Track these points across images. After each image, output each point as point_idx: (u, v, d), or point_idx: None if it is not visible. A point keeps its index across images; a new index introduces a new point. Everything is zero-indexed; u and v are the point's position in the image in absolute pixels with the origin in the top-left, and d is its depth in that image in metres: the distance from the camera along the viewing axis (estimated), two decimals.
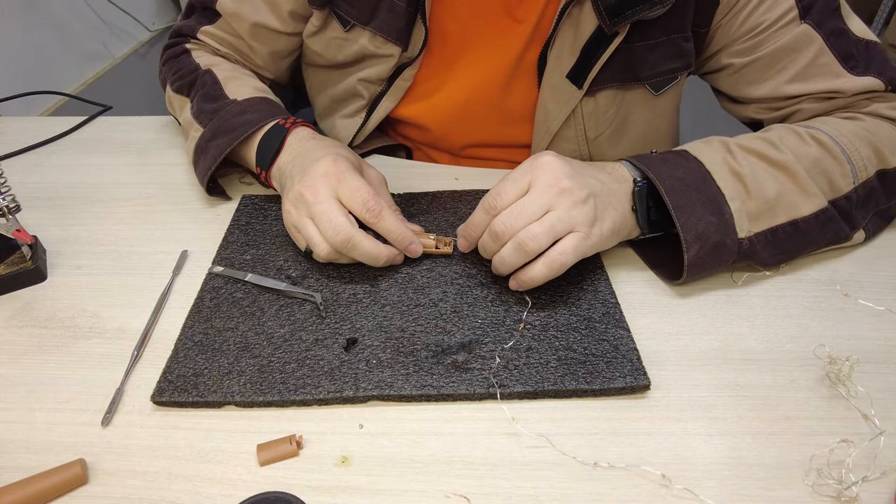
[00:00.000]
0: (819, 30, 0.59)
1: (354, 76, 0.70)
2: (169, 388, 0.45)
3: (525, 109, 0.70)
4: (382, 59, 0.67)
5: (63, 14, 1.54)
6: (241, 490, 0.40)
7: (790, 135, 0.57)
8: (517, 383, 0.45)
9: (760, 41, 0.61)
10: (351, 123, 0.74)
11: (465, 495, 0.39)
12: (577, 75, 0.63)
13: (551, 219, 0.48)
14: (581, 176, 0.50)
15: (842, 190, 0.55)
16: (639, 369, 0.46)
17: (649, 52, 0.63)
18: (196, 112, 0.66)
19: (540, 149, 0.70)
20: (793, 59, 0.61)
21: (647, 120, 0.70)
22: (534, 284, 0.50)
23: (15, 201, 0.55)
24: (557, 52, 0.63)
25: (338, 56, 0.70)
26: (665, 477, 0.40)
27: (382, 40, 0.65)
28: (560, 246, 0.48)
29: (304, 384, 0.45)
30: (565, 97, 0.65)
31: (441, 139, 0.76)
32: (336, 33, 0.68)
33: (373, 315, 0.51)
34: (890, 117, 0.60)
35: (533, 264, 0.49)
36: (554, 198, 0.48)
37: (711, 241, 0.50)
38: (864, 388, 0.46)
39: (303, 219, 0.52)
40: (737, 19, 0.62)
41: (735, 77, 0.65)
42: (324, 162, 0.53)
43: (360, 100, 0.72)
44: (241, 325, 0.50)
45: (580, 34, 0.61)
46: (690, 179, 0.52)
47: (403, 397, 0.45)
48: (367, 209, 0.52)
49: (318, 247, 0.52)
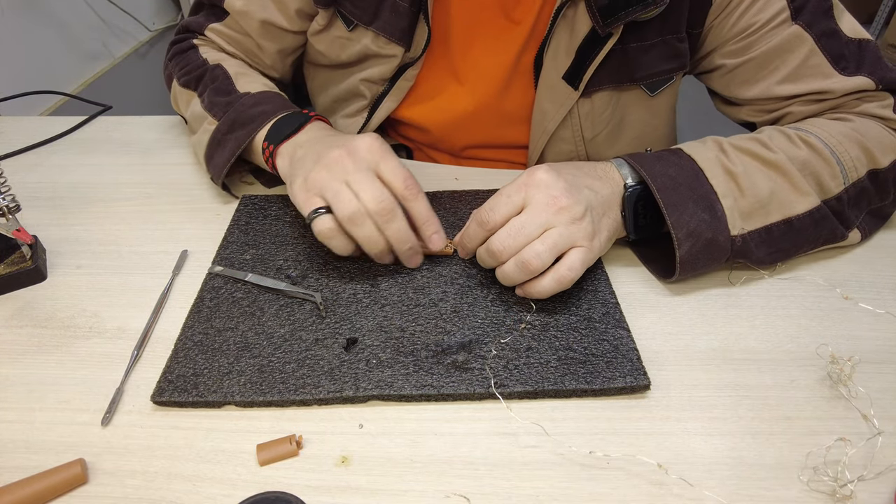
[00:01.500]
0: (810, 31, 0.59)
1: (357, 76, 0.71)
2: (169, 388, 0.45)
3: (522, 110, 0.70)
4: (385, 59, 0.67)
5: (63, 14, 1.54)
6: (241, 490, 0.40)
7: (780, 136, 0.57)
8: (517, 383, 0.45)
9: (752, 42, 0.62)
10: (353, 123, 0.74)
11: (465, 495, 0.39)
12: (572, 76, 0.64)
13: (553, 236, 0.48)
14: (576, 190, 0.50)
15: (831, 191, 0.55)
16: (639, 369, 0.46)
17: (644, 53, 0.63)
18: (208, 105, 0.66)
19: (537, 149, 0.71)
20: (784, 59, 0.61)
21: (643, 120, 0.70)
22: (541, 297, 0.50)
23: (15, 201, 0.55)
24: (553, 54, 0.64)
25: (341, 56, 0.70)
26: (661, 466, 0.40)
27: (385, 40, 0.65)
28: (567, 261, 0.48)
29: (305, 384, 0.45)
30: (561, 98, 0.66)
31: (441, 140, 0.76)
32: (340, 32, 0.68)
33: (373, 315, 0.51)
34: (880, 116, 0.60)
35: (541, 279, 0.49)
36: (552, 216, 0.48)
37: (703, 239, 0.51)
38: (864, 388, 0.46)
39: (335, 182, 0.50)
40: (729, 20, 0.62)
41: (727, 78, 0.65)
42: (365, 139, 0.52)
43: (362, 100, 0.72)
44: (241, 324, 0.50)
45: (575, 35, 0.61)
46: (682, 177, 0.52)
47: (403, 397, 0.45)
48: (406, 186, 0.51)
49: (345, 203, 0.49)
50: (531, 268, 0.47)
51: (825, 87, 0.60)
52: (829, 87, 0.60)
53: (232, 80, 0.67)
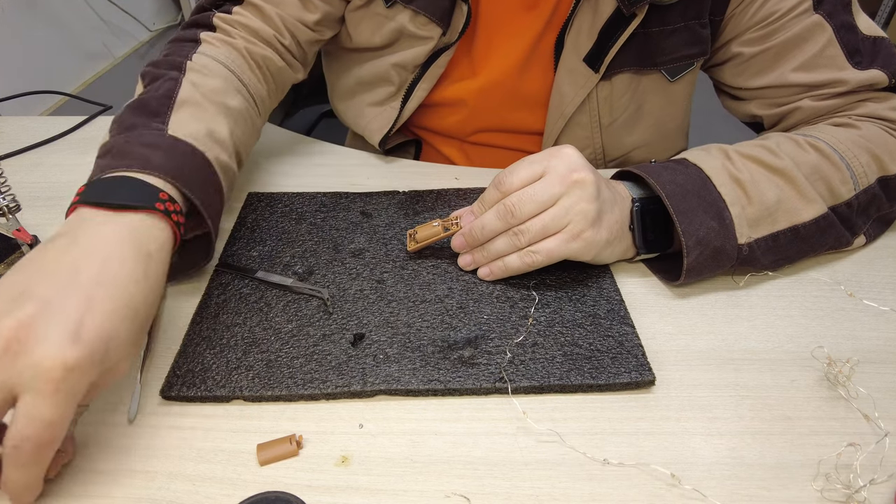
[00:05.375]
0: (830, 21, 0.60)
1: (387, 59, 0.69)
2: (177, 383, 0.45)
3: (540, 94, 0.70)
4: (420, 41, 0.66)
5: (63, 14, 1.54)
6: (241, 490, 0.40)
7: (788, 142, 0.57)
8: (523, 378, 0.45)
9: (773, 31, 0.62)
10: (383, 114, 0.72)
11: (465, 495, 0.39)
12: (594, 58, 0.64)
13: (551, 213, 0.49)
14: (595, 175, 0.50)
15: (842, 196, 0.55)
16: (644, 365, 0.46)
17: (666, 38, 0.63)
18: (121, 114, 0.52)
19: (553, 134, 0.70)
20: (801, 48, 0.61)
21: (661, 107, 0.70)
22: (505, 273, 0.52)
23: (15, 201, 0.55)
24: (575, 35, 0.64)
25: (374, 38, 0.68)
26: (662, 467, 0.40)
27: (425, 20, 0.64)
28: (545, 245, 0.50)
29: (312, 379, 0.45)
30: (581, 80, 0.66)
31: (456, 125, 0.75)
32: (379, 9, 0.67)
33: (379, 311, 0.51)
34: (887, 118, 0.60)
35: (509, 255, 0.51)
36: (567, 188, 0.49)
37: (712, 247, 0.51)
38: (865, 388, 0.46)
39: None
40: (750, 8, 0.62)
41: (742, 67, 0.66)
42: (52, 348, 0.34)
43: (390, 86, 0.71)
44: (249, 320, 0.50)
45: (598, 16, 0.62)
46: (691, 185, 0.52)
47: (411, 392, 0.45)
48: (16, 445, 0.33)
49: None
50: (517, 242, 0.50)
51: (839, 78, 0.60)
52: (842, 78, 0.60)
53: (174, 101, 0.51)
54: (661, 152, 0.76)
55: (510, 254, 0.51)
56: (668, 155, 0.77)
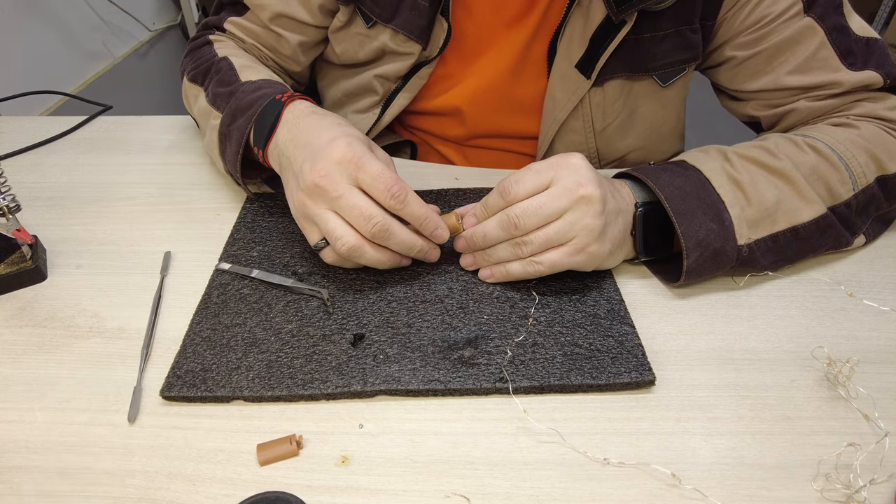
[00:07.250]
0: (822, 24, 0.60)
1: (371, 71, 0.71)
2: (178, 384, 0.45)
3: (534, 100, 0.70)
4: (401, 56, 0.68)
5: (63, 14, 1.54)
6: (241, 490, 0.40)
7: (786, 143, 0.57)
8: (523, 378, 0.45)
9: (764, 34, 0.62)
10: (364, 119, 0.74)
11: (465, 495, 0.39)
12: (585, 65, 0.64)
13: (556, 226, 0.48)
14: (601, 186, 0.49)
15: (841, 196, 0.55)
16: (644, 365, 0.46)
17: (657, 44, 0.63)
18: (212, 98, 0.64)
19: (547, 139, 0.71)
20: (794, 51, 0.61)
21: (654, 112, 0.70)
22: (506, 278, 0.52)
23: (15, 201, 0.55)
24: (567, 42, 0.64)
25: (358, 54, 0.70)
26: (662, 468, 0.40)
27: (404, 38, 0.66)
28: (548, 256, 0.49)
29: (313, 379, 0.45)
30: (573, 86, 0.66)
31: (450, 131, 0.76)
32: (359, 29, 0.68)
33: (379, 311, 0.51)
34: (885, 118, 0.60)
35: (511, 261, 0.51)
36: (573, 203, 0.48)
37: (711, 249, 0.51)
38: (865, 388, 0.46)
39: (322, 212, 0.49)
40: (742, 12, 0.62)
41: (736, 70, 0.66)
42: (337, 146, 0.48)
43: (374, 95, 0.72)
44: (249, 320, 0.50)
45: (589, 23, 0.62)
46: (690, 187, 0.52)
47: (411, 392, 0.45)
48: (392, 195, 0.48)
49: (341, 240, 0.48)
50: (520, 252, 0.50)
51: (833, 80, 0.60)
52: (837, 80, 0.60)
53: (236, 70, 0.64)
54: (656, 155, 0.76)
55: (512, 261, 0.51)
56: (663, 158, 0.77)
